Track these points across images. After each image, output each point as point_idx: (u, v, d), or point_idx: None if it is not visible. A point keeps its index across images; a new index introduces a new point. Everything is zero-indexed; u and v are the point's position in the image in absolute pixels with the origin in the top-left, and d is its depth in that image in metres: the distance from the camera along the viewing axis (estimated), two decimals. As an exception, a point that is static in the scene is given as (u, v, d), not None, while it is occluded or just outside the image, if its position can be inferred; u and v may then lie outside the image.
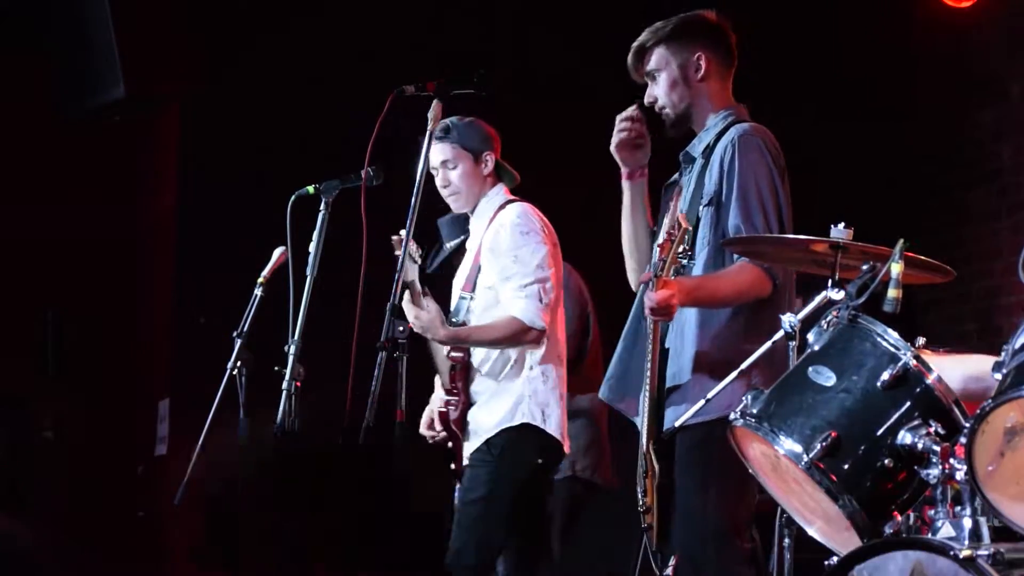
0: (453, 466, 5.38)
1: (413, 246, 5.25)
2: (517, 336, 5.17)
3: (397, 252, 5.26)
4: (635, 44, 4.57)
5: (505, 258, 5.23)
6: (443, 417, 5.35)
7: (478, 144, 5.37)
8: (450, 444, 5.42)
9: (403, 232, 5.29)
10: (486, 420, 5.23)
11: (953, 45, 8.10)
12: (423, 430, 5.52)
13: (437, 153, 5.36)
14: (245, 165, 7.39)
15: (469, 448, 5.29)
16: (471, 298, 5.35)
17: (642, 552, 6.59)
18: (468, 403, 5.28)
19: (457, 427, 5.29)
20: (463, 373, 5.29)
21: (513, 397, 5.21)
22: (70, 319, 8.12)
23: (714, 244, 4.40)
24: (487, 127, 5.42)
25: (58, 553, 7.49)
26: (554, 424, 5.21)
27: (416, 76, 4.64)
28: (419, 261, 5.33)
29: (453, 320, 5.35)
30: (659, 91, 4.54)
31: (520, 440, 5.19)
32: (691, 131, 4.59)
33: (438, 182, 5.42)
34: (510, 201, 5.39)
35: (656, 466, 4.34)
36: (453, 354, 5.30)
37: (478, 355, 5.30)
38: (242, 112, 7.41)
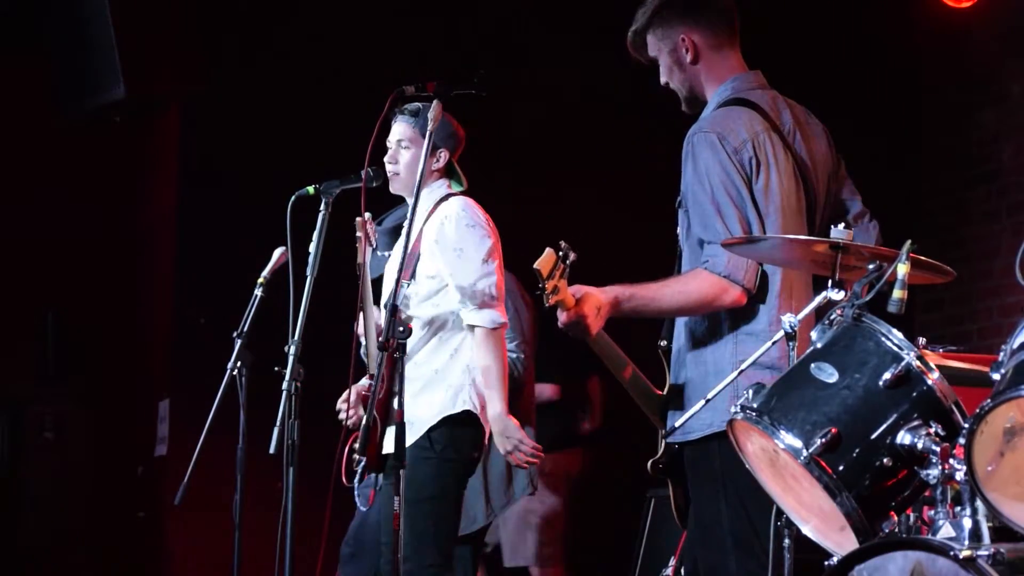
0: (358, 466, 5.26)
1: (371, 227, 5.23)
2: (496, 342, 5.18)
3: (359, 233, 5.23)
4: (630, 31, 4.45)
5: (451, 253, 5.21)
6: (364, 400, 5.29)
7: (440, 140, 5.31)
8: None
9: (367, 215, 5.27)
10: (425, 410, 5.15)
11: (953, 45, 8.11)
12: (341, 404, 5.44)
13: (398, 130, 5.34)
14: (245, 165, 7.39)
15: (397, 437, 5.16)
16: (408, 286, 5.29)
17: (642, 553, 6.61)
18: (389, 390, 5.15)
19: (379, 412, 5.16)
20: (391, 358, 5.17)
21: (452, 386, 5.17)
22: (70, 319, 8.13)
23: (688, 248, 4.30)
24: (456, 126, 5.38)
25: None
26: (489, 415, 5.21)
27: (416, 76, 4.64)
28: (374, 246, 5.30)
29: (384, 305, 5.27)
30: (664, 75, 4.45)
31: (460, 432, 5.15)
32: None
33: (387, 156, 5.36)
34: (452, 195, 5.37)
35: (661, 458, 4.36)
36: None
37: (417, 344, 5.23)
38: (242, 112, 7.42)
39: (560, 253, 4.05)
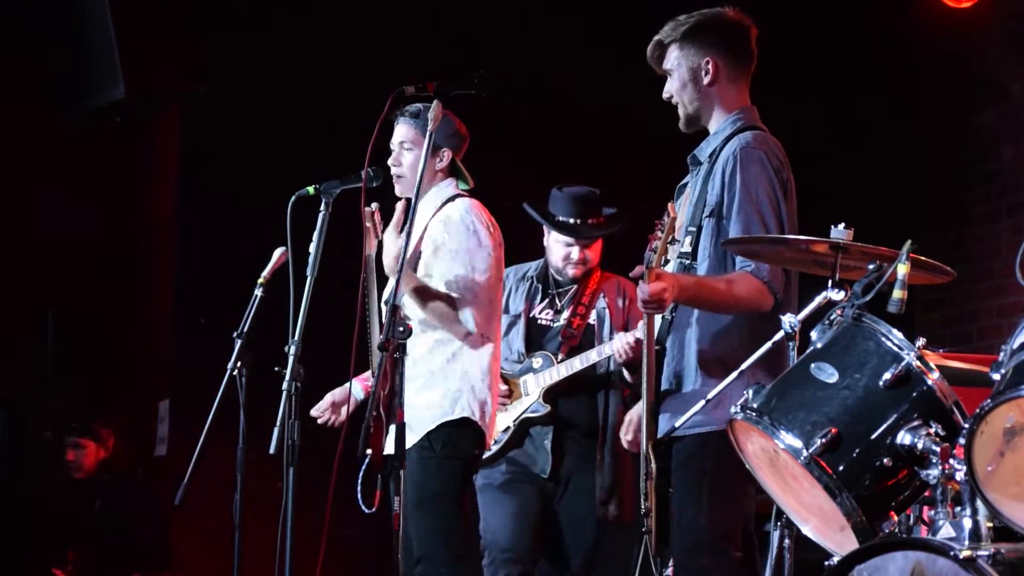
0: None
1: (379, 218, 5.24)
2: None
3: (367, 224, 5.22)
4: (653, 40, 4.60)
5: (447, 254, 5.19)
6: (337, 406, 5.37)
7: (441, 139, 5.29)
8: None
9: (375, 205, 5.26)
10: (422, 413, 5.15)
11: (953, 45, 8.11)
12: (316, 412, 5.46)
13: (400, 132, 5.33)
14: (245, 165, 7.39)
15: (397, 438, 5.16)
16: None
17: (642, 554, 6.59)
18: (391, 390, 5.14)
19: (385, 410, 5.16)
20: (392, 358, 5.16)
21: (451, 390, 5.17)
22: (70, 319, 8.13)
23: (715, 255, 4.40)
24: (460, 125, 5.36)
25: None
26: (487, 420, 5.21)
27: (416, 76, 4.64)
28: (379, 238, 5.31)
29: (385, 303, 5.27)
30: (673, 89, 4.58)
31: (460, 433, 5.16)
32: (704, 130, 4.60)
33: (391, 159, 5.35)
34: (458, 195, 5.36)
35: (654, 468, 4.35)
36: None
37: (413, 342, 5.21)
38: (242, 112, 7.41)
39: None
